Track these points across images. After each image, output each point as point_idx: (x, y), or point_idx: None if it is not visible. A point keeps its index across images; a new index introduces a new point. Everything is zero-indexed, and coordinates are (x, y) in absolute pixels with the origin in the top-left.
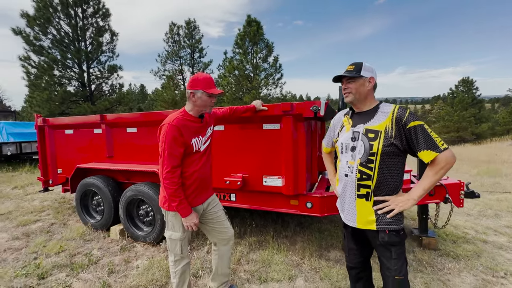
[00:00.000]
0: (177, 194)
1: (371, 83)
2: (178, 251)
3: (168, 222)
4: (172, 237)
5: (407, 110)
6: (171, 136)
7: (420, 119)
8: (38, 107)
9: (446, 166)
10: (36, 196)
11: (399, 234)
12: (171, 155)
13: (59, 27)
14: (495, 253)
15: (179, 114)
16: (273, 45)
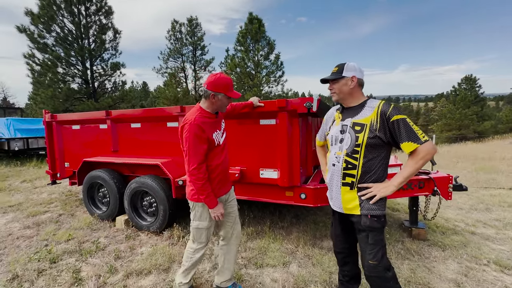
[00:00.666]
0: (204, 188)
1: (353, 82)
2: (203, 239)
3: (195, 213)
4: (200, 226)
5: (391, 105)
6: (193, 134)
7: (403, 114)
8: (42, 104)
9: (426, 157)
10: (44, 189)
11: (380, 220)
12: (196, 153)
13: (63, 25)
14: (482, 243)
15: (197, 112)
16: (274, 43)
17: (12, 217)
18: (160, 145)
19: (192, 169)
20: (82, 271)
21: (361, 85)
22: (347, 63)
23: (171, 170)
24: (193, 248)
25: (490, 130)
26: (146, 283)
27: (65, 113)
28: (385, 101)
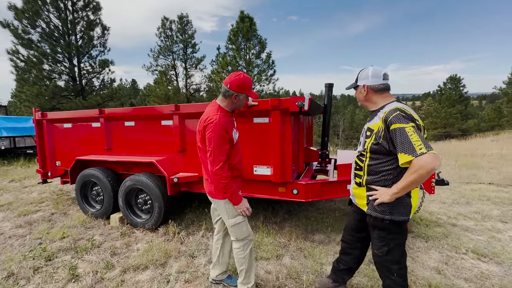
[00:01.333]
0: (229, 186)
1: (365, 90)
2: (246, 232)
3: (227, 211)
4: (237, 221)
5: (395, 111)
6: (218, 135)
7: (406, 122)
8: (27, 102)
9: (419, 171)
10: (34, 189)
11: (382, 222)
12: (220, 152)
13: (49, 20)
14: (461, 234)
15: (219, 112)
16: (266, 42)
17: (2, 217)
18: (155, 143)
19: (217, 169)
20: (79, 268)
21: (377, 90)
22: (361, 71)
23: (166, 168)
24: (240, 246)
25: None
26: (144, 277)
27: (56, 111)
28: (396, 107)
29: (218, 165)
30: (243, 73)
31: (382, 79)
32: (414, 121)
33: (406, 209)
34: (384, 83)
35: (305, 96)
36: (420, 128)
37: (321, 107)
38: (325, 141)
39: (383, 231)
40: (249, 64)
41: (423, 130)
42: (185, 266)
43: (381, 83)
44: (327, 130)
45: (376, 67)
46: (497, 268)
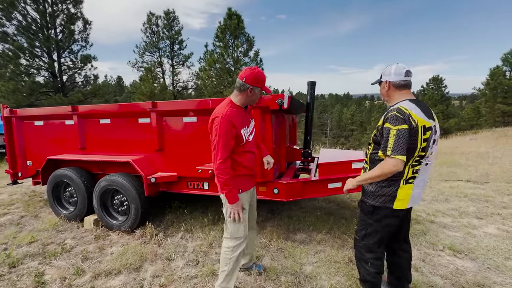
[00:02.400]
0: (228, 183)
1: (387, 85)
2: (241, 233)
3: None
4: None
5: (393, 111)
6: (224, 129)
7: (394, 124)
8: (3, 98)
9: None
10: (4, 190)
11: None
12: (225, 147)
13: (25, 13)
14: (439, 231)
15: (229, 106)
16: (253, 39)
17: None
18: (132, 142)
19: (219, 162)
20: (46, 274)
21: (398, 87)
22: (386, 68)
23: (143, 167)
24: (230, 246)
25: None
26: (116, 283)
27: (26, 108)
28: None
29: (221, 159)
30: (258, 68)
31: (404, 76)
32: (408, 123)
33: (388, 198)
34: (406, 80)
35: (285, 94)
36: (414, 129)
37: (304, 105)
38: (307, 139)
39: (364, 215)
40: (237, 62)
41: (422, 130)
42: (161, 269)
43: (402, 79)
44: (310, 128)
45: (400, 64)
46: (471, 264)
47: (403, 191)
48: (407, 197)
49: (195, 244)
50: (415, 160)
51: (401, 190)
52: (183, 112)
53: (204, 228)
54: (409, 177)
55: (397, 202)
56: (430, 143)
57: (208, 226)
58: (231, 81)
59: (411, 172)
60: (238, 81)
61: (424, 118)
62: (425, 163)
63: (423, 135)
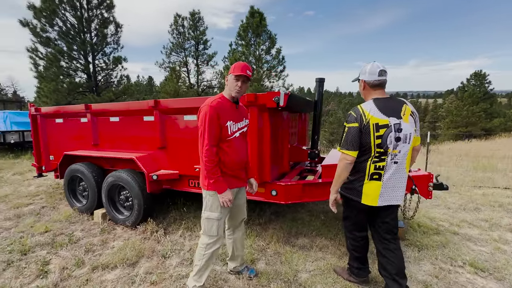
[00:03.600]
0: (214, 171)
1: (362, 84)
2: (214, 232)
3: (206, 203)
4: (210, 216)
5: (350, 111)
6: (209, 116)
7: (348, 122)
8: (45, 98)
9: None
10: (33, 182)
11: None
12: (210, 134)
13: (65, 19)
14: (462, 244)
15: (218, 97)
16: (276, 37)
17: None
18: (137, 139)
19: (206, 149)
20: (51, 264)
21: (372, 86)
22: (363, 66)
23: (146, 165)
24: (204, 243)
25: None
26: (110, 277)
27: (49, 107)
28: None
29: (207, 146)
30: (241, 62)
31: (377, 76)
32: (359, 121)
33: (353, 192)
34: (379, 80)
35: (281, 91)
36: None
37: (307, 101)
38: (315, 139)
39: (343, 201)
40: (259, 60)
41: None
42: (155, 267)
43: (376, 79)
44: (318, 127)
45: (375, 63)
46: (496, 285)
47: (368, 187)
48: (375, 194)
49: (192, 243)
50: (375, 157)
51: (366, 185)
52: (183, 110)
53: None
54: (372, 172)
55: (365, 197)
56: (386, 139)
57: None
58: (252, 79)
59: (373, 168)
60: None
61: (379, 116)
62: (392, 161)
63: (375, 132)
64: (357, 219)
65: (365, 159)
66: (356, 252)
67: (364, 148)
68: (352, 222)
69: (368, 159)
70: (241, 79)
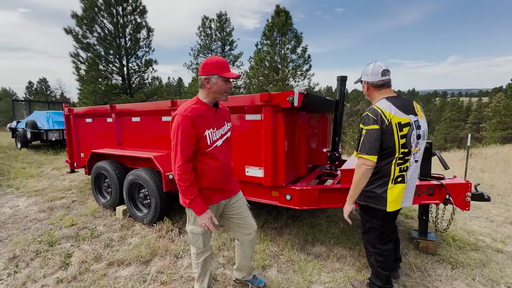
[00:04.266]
0: (189, 192)
1: (365, 86)
2: (200, 245)
3: (189, 216)
4: (194, 231)
5: (367, 111)
6: (183, 128)
7: (366, 124)
8: (85, 99)
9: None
10: (68, 177)
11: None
12: (184, 149)
13: (103, 25)
14: (506, 264)
15: (192, 103)
16: (301, 36)
17: (33, 201)
18: (157, 139)
19: (178, 167)
20: (73, 256)
21: (376, 87)
22: (365, 67)
23: (163, 164)
24: (194, 252)
25: None
26: (124, 273)
27: (80, 107)
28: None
29: (179, 162)
30: (213, 56)
31: (380, 76)
32: (380, 120)
33: (377, 200)
34: (383, 79)
35: (295, 90)
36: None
37: (333, 102)
38: (335, 141)
39: (362, 212)
40: (284, 59)
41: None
42: (167, 266)
43: (379, 79)
44: (339, 129)
45: (377, 63)
46: None
47: (393, 191)
48: (399, 198)
49: None
50: (400, 158)
51: (391, 190)
52: None
53: (219, 229)
54: (397, 175)
55: (390, 204)
56: (410, 138)
57: (223, 227)
58: (277, 79)
59: (398, 171)
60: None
61: (400, 114)
62: (414, 160)
63: (399, 132)
64: (382, 230)
65: (388, 162)
66: (382, 269)
67: (387, 150)
68: (377, 234)
69: (392, 161)
70: (230, 81)
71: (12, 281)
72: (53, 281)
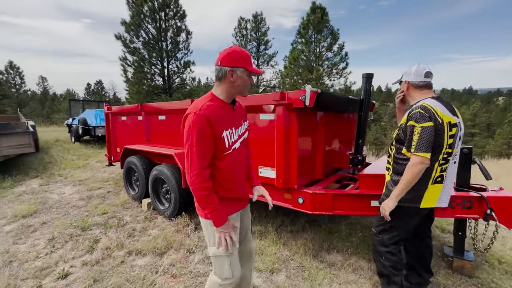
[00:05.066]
0: (209, 201)
1: (407, 85)
2: (227, 273)
3: (210, 235)
4: (217, 253)
5: (417, 109)
6: (199, 129)
7: (419, 122)
8: (131, 99)
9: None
10: (107, 169)
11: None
12: (200, 153)
13: (148, 31)
14: None
15: (207, 100)
16: (338, 33)
17: (76, 190)
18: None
19: (194, 174)
20: (100, 242)
21: (418, 87)
22: (408, 68)
23: (182, 161)
24: (215, 281)
25: None
26: (140, 263)
27: (116, 106)
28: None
29: (196, 170)
30: (236, 46)
31: (423, 77)
32: (434, 118)
33: (414, 198)
34: (425, 80)
35: (307, 89)
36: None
37: (356, 103)
38: (359, 143)
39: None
40: (319, 57)
41: (448, 126)
42: (179, 260)
43: (421, 80)
44: (363, 130)
45: (421, 65)
46: None
47: (431, 191)
48: (435, 196)
49: None
50: (443, 158)
51: (428, 191)
52: None
53: None
54: (437, 176)
55: (424, 201)
56: (456, 139)
57: None
58: (311, 78)
59: (439, 171)
60: (215, 68)
61: (449, 114)
62: (453, 161)
63: (449, 131)
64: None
65: (433, 161)
66: (395, 269)
67: (436, 149)
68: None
69: (436, 161)
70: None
71: (48, 259)
72: (80, 263)
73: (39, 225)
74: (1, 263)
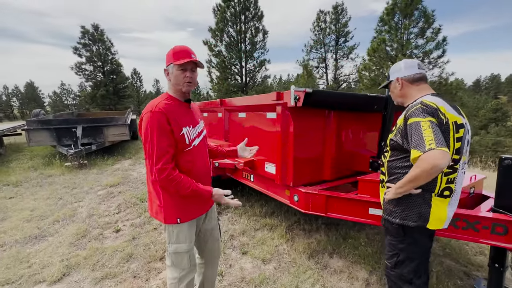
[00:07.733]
0: (184, 183)
1: (400, 83)
2: (186, 264)
3: (170, 235)
4: (178, 250)
5: (416, 105)
6: (157, 126)
7: (423, 116)
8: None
9: (422, 165)
10: None
11: (392, 225)
12: (161, 148)
13: (229, 34)
14: None
15: (163, 99)
16: (433, 14)
17: None
18: (213, 130)
19: (157, 169)
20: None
21: (414, 81)
22: (392, 67)
23: None
24: (175, 277)
25: None
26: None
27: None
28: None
29: (158, 165)
30: (175, 45)
31: (417, 68)
32: (436, 115)
33: (419, 217)
34: (421, 72)
35: (291, 90)
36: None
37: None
38: (381, 146)
39: (393, 237)
40: (405, 46)
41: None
42: None
43: (416, 72)
44: (386, 131)
45: (408, 59)
46: None
47: (437, 208)
48: (443, 215)
49: (236, 227)
50: (449, 166)
51: (434, 205)
52: (239, 108)
53: (250, 217)
54: (443, 188)
55: (432, 221)
56: (464, 143)
57: (253, 217)
58: None
59: (445, 182)
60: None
61: (454, 113)
62: (462, 169)
63: (455, 133)
64: (422, 256)
65: None
66: None
67: None
68: (415, 264)
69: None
70: (188, 67)
71: (112, 217)
72: (129, 224)
73: (117, 193)
74: (87, 215)
